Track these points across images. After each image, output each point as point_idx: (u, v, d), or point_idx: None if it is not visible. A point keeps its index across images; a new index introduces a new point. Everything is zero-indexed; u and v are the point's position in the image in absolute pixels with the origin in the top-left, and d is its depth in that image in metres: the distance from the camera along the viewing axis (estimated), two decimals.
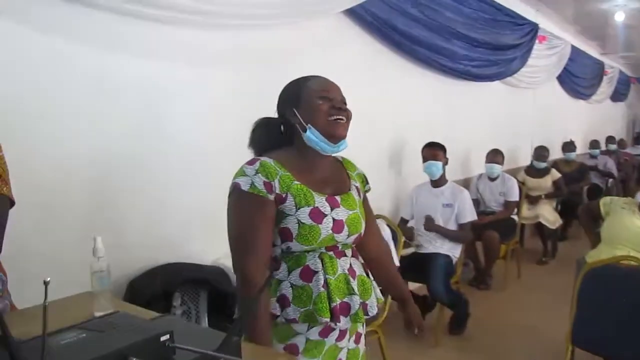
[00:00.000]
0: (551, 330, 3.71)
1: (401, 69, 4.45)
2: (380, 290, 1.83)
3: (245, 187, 1.55)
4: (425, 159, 4.19)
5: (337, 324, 1.59)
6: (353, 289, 1.63)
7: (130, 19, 2.52)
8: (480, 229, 4.77)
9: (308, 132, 1.60)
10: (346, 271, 1.65)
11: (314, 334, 1.64)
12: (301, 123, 1.62)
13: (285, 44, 3.38)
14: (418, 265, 3.98)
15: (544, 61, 6.94)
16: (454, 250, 4.12)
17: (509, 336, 4.01)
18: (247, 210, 1.57)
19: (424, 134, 4.41)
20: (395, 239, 3.53)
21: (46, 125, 2.31)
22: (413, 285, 4.24)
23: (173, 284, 2.68)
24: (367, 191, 1.84)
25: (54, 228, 2.35)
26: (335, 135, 1.62)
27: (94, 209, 2.52)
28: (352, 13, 3.82)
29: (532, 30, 6.29)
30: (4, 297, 1.59)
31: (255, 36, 3.17)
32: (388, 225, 3.55)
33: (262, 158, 1.61)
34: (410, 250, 4.18)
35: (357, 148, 3.73)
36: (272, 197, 1.56)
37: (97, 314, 1.47)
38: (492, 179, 5.27)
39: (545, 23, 6.81)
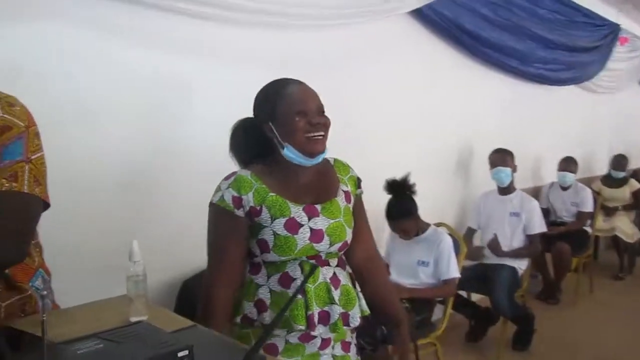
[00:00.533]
0: (624, 352, 3.48)
1: (468, 72, 4.27)
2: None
3: (215, 199, 1.63)
4: (493, 165, 4.03)
5: (312, 332, 1.61)
6: (334, 299, 1.63)
7: (181, 17, 2.51)
8: (550, 240, 4.54)
9: (286, 150, 1.60)
10: (328, 280, 1.64)
11: (293, 338, 1.64)
12: (278, 139, 1.62)
13: (341, 46, 3.29)
14: (481, 276, 3.84)
15: (625, 64, 6.52)
16: (519, 262, 3.94)
17: (577, 355, 3.79)
18: (215, 224, 1.66)
19: (492, 140, 4.22)
20: (457, 248, 3.39)
21: (91, 124, 2.32)
22: (476, 297, 4.08)
23: None
24: (358, 195, 1.79)
25: (108, 229, 2.36)
26: (314, 152, 1.60)
27: (151, 209, 2.53)
28: (417, 13, 3.69)
29: (612, 32, 5.94)
30: (46, 296, 1.58)
31: (308, 37, 3.09)
32: (450, 235, 3.41)
33: (239, 172, 1.65)
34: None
35: (420, 154, 3.81)
36: (240, 212, 1.60)
37: (133, 319, 1.45)
38: (565, 188, 5.00)
39: (628, 24, 6.42)
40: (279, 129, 1.60)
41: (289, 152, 1.59)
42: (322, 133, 1.61)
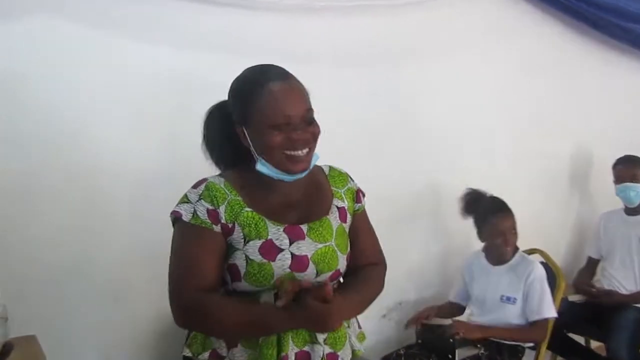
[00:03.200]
0: None
1: (594, 59, 3.47)
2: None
3: (186, 217, 1.36)
4: (619, 180, 3.14)
5: None
6: (315, 337, 1.40)
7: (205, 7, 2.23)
8: None
9: (259, 165, 1.37)
10: None
11: None
12: (252, 149, 1.39)
13: (412, 33, 2.77)
14: (597, 316, 3.03)
15: None
16: None
17: None
18: (188, 244, 1.37)
19: (621, 145, 3.33)
20: (552, 281, 2.67)
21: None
22: (595, 344, 3.24)
23: None
24: (357, 211, 1.56)
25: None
26: (293, 171, 1.36)
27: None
28: None
29: None
30: None
31: (377, 24, 2.64)
32: (544, 264, 2.70)
33: (210, 179, 1.42)
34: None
35: (517, 163, 3.24)
36: (218, 227, 1.36)
37: None
38: None
39: None
40: (252, 138, 1.37)
41: (263, 167, 1.37)
42: (306, 150, 1.36)
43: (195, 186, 1.40)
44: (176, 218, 1.37)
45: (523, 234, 2.67)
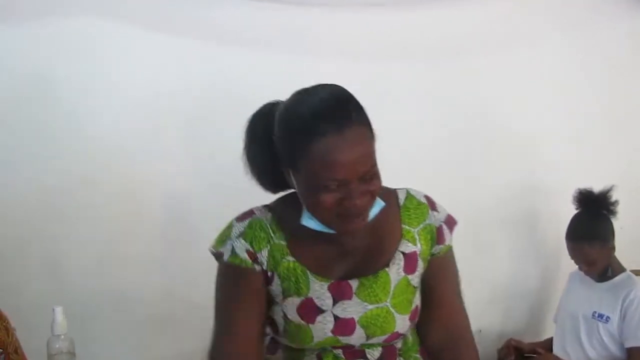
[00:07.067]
0: None
1: None
2: None
3: (226, 255, 1.22)
4: None
5: None
6: None
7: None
8: None
9: (305, 219, 1.16)
10: None
11: None
12: (298, 195, 1.17)
13: (474, 29, 2.56)
14: None
15: None
16: None
17: None
18: (226, 285, 1.25)
19: None
20: None
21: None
22: None
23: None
24: (436, 255, 1.28)
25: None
26: (346, 231, 1.16)
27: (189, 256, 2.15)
28: None
29: None
30: None
31: (422, 19, 2.44)
32: None
33: (257, 213, 1.25)
34: None
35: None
36: (258, 267, 1.21)
37: None
38: None
39: None
40: (299, 187, 1.15)
41: (310, 222, 1.16)
42: (362, 214, 1.13)
43: (239, 218, 1.24)
44: (217, 257, 1.25)
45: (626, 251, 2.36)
